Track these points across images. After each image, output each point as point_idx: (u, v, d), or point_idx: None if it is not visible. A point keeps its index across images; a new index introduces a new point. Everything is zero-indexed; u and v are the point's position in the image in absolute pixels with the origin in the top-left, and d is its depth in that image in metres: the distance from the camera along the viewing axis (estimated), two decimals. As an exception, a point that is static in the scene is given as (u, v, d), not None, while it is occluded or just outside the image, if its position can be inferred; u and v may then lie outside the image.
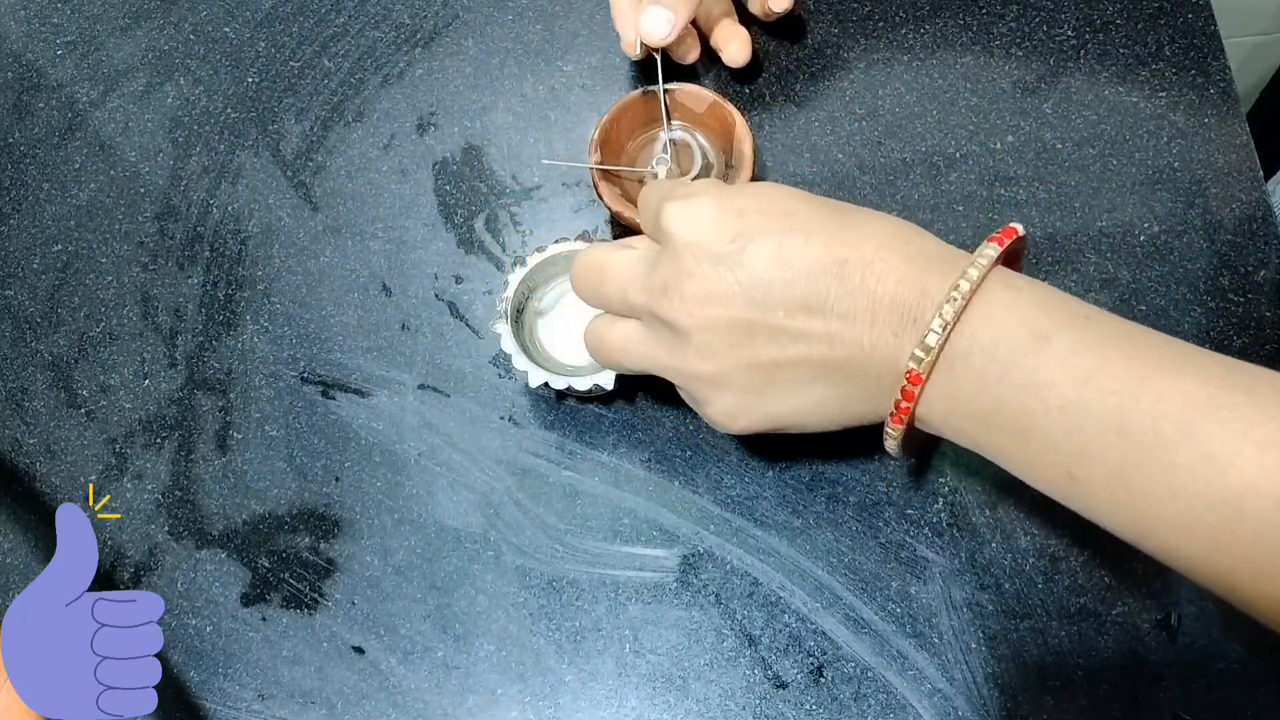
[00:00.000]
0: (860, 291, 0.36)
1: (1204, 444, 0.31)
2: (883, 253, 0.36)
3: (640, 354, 0.41)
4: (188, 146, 0.58)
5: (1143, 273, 0.50)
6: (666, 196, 0.39)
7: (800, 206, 0.38)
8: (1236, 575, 0.32)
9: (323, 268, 0.54)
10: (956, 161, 0.53)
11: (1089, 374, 0.33)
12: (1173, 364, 0.33)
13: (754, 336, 0.37)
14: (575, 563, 0.47)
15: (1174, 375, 0.32)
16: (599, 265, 0.41)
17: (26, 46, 0.61)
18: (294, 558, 0.48)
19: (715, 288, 0.37)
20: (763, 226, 0.37)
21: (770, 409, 0.39)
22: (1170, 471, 0.32)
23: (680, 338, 0.38)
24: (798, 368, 0.37)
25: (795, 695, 0.44)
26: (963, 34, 0.56)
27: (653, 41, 0.49)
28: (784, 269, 0.36)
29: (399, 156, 0.56)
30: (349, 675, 0.46)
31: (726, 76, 0.56)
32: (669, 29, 0.49)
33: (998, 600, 0.45)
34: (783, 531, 0.47)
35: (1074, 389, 0.33)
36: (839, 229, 0.37)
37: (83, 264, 0.55)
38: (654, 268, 0.39)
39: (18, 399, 0.53)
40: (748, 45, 0.52)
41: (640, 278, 0.39)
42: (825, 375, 0.37)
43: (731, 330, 0.37)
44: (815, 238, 0.36)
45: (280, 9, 0.61)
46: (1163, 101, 0.54)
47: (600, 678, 0.45)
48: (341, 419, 0.51)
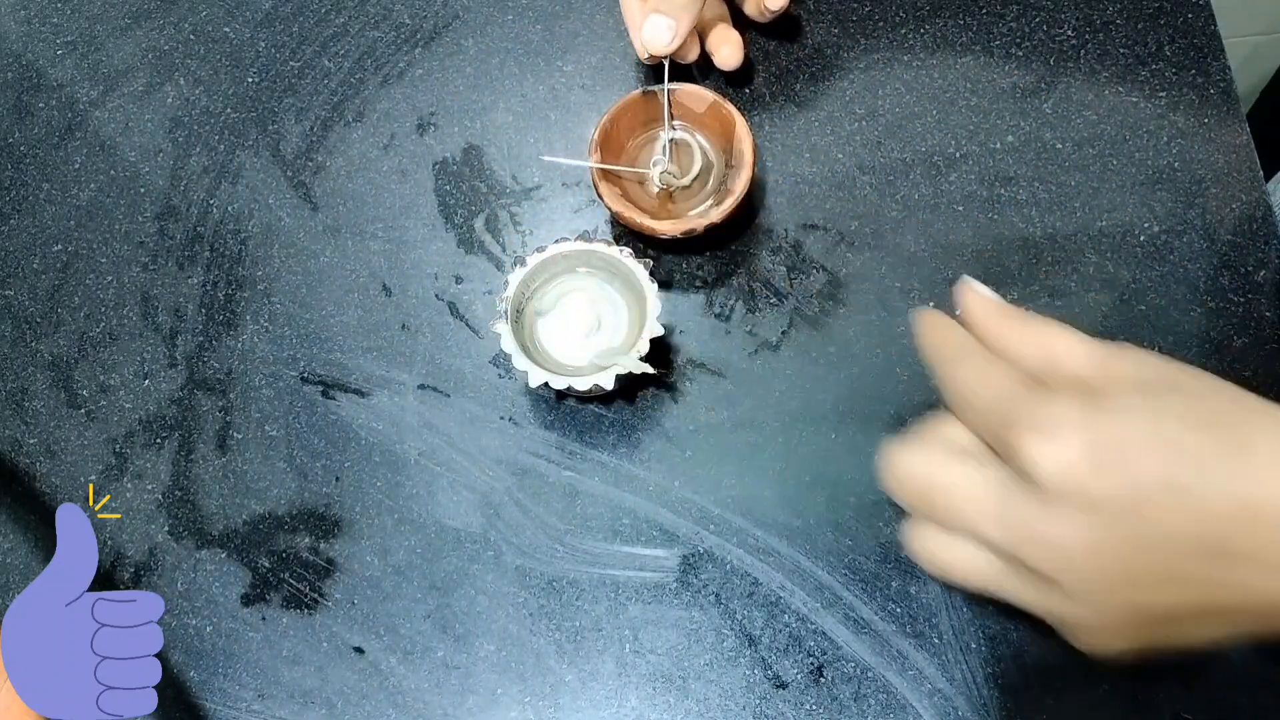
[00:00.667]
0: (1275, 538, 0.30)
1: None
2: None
3: (992, 585, 0.35)
4: (188, 146, 0.58)
5: (1143, 273, 0.50)
6: (1018, 413, 0.33)
7: (1185, 421, 0.31)
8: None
9: (323, 268, 0.54)
10: (956, 161, 0.53)
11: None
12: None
13: (1142, 585, 0.31)
14: (575, 563, 0.47)
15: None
16: (938, 488, 0.35)
17: (26, 46, 0.61)
18: (294, 558, 0.48)
19: (1095, 539, 0.31)
20: (1150, 469, 0.31)
21: (1160, 643, 0.34)
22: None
23: (1048, 583, 0.33)
24: (1199, 617, 0.32)
25: (795, 695, 0.44)
26: (963, 34, 0.56)
27: (656, 50, 0.50)
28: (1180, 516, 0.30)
29: (399, 156, 0.56)
30: (349, 675, 0.46)
31: (726, 77, 0.56)
32: (671, 37, 0.49)
33: (998, 600, 0.45)
34: (783, 531, 0.47)
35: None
36: (1242, 465, 0.31)
37: (83, 264, 0.55)
38: (1010, 501, 0.33)
39: (18, 399, 0.53)
40: (740, 49, 0.53)
41: (994, 514, 0.33)
42: (1233, 621, 0.32)
43: (1115, 579, 0.32)
44: (1210, 479, 0.30)
45: (280, 9, 0.61)
46: (1163, 101, 0.54)
47: (600, 678, 0.45)
48: (341, 419, 0.51)
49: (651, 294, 0.47)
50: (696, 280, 0.52)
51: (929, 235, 0.52)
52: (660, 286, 0.49)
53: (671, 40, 0.49)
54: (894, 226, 0.52)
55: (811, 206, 0.53)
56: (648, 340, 0.46)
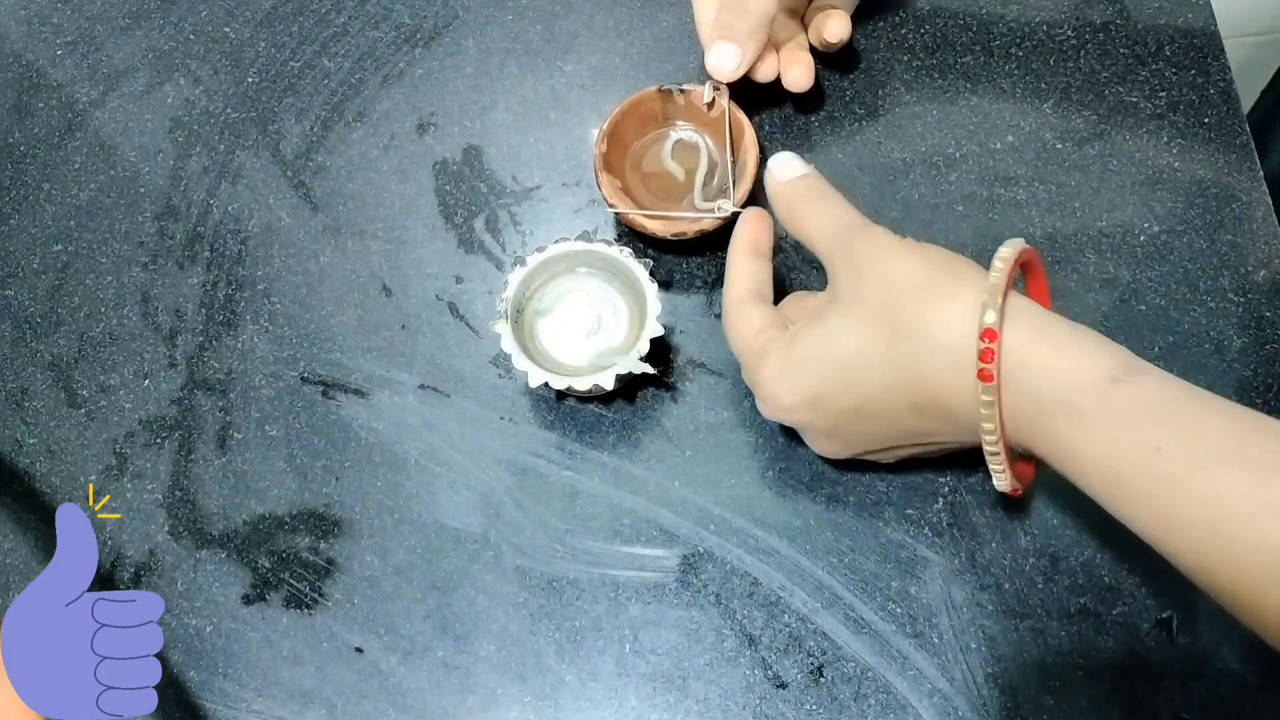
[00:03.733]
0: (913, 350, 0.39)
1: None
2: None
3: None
4: (188, 146, 0.58)
5: (1143, 273, 0.50)
6: (748, 361, 0.44)
7: (852, 329, 0.40)
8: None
9: (323, 268, 0.54)
10: (956, 161, 0.53)
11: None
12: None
13: (853, 443, 0.43)
14: (575, 563, 0.47)
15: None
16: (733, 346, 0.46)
17: (26, 46, 0.61)
18: (294, 558, 0.48)
19: (802, 421, 0.43)
20: (823, 375, 0.41)
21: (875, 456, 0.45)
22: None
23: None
24: (902, 447, 0.43)
25: (795, 695, 0.44)
26: (963, 34, 0.56)
27: (721, 76, 0.50)
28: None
29: (399, 156, 0.56)
30: (349, 675, 0.46)
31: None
32: (736, 64, 0.49)
33: (998, 600, 0.45)
34: (783, 531, 0.47)
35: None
36: (899, 354, 0.39)
37: (83, 264, 0.55)
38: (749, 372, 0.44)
39: (18, 399, 0.53)
40: (810, 71, 0.52)
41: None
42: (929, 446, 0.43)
43: (824, 441, 0.44)
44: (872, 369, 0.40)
45: (280, 9, 0.61)
46: (1163, 101, 0.54)
47: (600, 678, 0.45)
48: (341, 419, 0.51)
49: (651, 294, 0.47)
50: (696, 280, 0.52)
51: (929, 235, 0.51)
52: (660, 286, 0.49)
53: (737, 68, 0.49)
54: (894, 226, 0.51)
55: (811, 206, 0.53)
56: (648, 340, 0.46)
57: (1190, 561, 0.33)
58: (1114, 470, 0.34)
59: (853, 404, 0.40)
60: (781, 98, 0.55)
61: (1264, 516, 0.31)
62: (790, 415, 0.43)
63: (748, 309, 0.44)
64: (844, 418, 0.41)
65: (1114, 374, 0.35)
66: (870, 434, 0.42)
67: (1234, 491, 0.32)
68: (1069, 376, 0.35)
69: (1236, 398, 0.39)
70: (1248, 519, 0.31)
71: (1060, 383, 0.35)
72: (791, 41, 0.54)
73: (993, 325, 0.36)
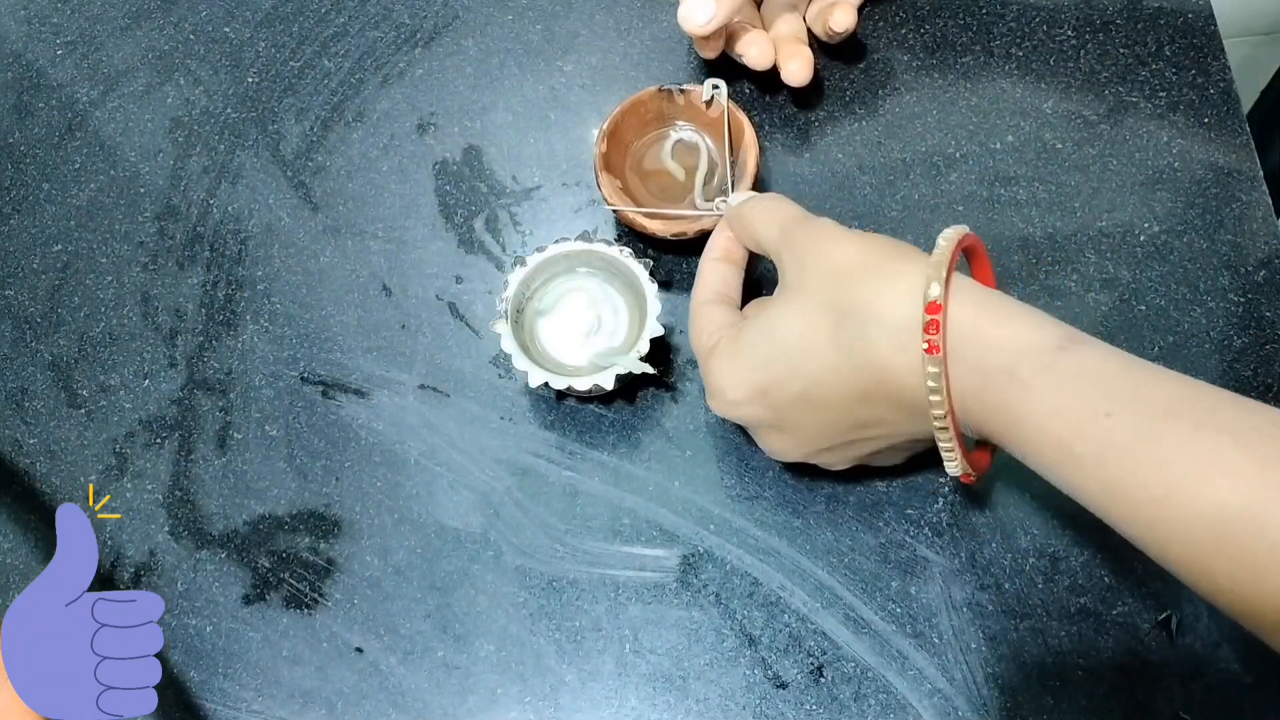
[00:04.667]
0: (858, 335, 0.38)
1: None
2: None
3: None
4: (188, 146, 0.58)
5: (1143, 273, 0.50)
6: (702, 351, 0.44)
7: (802, 319, 0.40)
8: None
9: (323, 268, 0.54)
10: (956, 161, 0.53)
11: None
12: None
13: (811, 439, 0.42)
14: (575, 563, 0.47)
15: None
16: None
17: (26, 46, 0.61)
18: (294, 558, 0.48)
19: (750, 417, 0.43)
20: (766, 365, 0.41)
21: (828, 461, 0.44)
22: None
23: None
24: (854, 444, 0.42)
25: (795, 695, 0.44)
26: (963, 34, 0.56)
27: (689, 27, 0.49)
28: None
29: (399, 156, 0.56)
30: (349, 675, 0.46)
31: (727, 76, 0.56)
32: (708, 16, 0.49)
33: (998, 600, 0.45)
34: (783, 531, 0.47)
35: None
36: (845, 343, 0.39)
37: (83, 264, 0.55)
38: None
39: (18, 399, 0.53)
40: (809, 66, 0.51)
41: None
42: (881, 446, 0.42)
43: (774, 439, 0.44)
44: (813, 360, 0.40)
45: (280, 9, 0.61)
46: (1163, 101, 0.54)
47: (600, 678, 0.45)
48: (341, 419, 0.51)
49: (651, 294, 0.47)
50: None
51: (929, 235, 0.51)
52: (660, 286, 0.49)
53: (708, 21, 0.49)
54: (894, 226, 0.52)
55: (811, 206, 0.53)
56: (648, 340, 0.46)
57: (1140, 529, 0.33)
58: (1062, 438, 0.34)
59: (799, 389, 0.39)
60: (781, 97, 0.55)
61: (1214, 476, 0.31)
62: (738, 410, 0.42)
63: (710, 309, 0.44)
64: (792, 408, 0.40)
65: (1059, 343, 0.35)
66: (819, 425, 0.41)
67: (1183, 453, 0.31)
68: (1014, 346, 0.35)
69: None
70: (1197, 480, 0.31)
71: (1006, 352, 0.35)
72: (792, 35, 0.54)
73: (937, 299, 0.35)
